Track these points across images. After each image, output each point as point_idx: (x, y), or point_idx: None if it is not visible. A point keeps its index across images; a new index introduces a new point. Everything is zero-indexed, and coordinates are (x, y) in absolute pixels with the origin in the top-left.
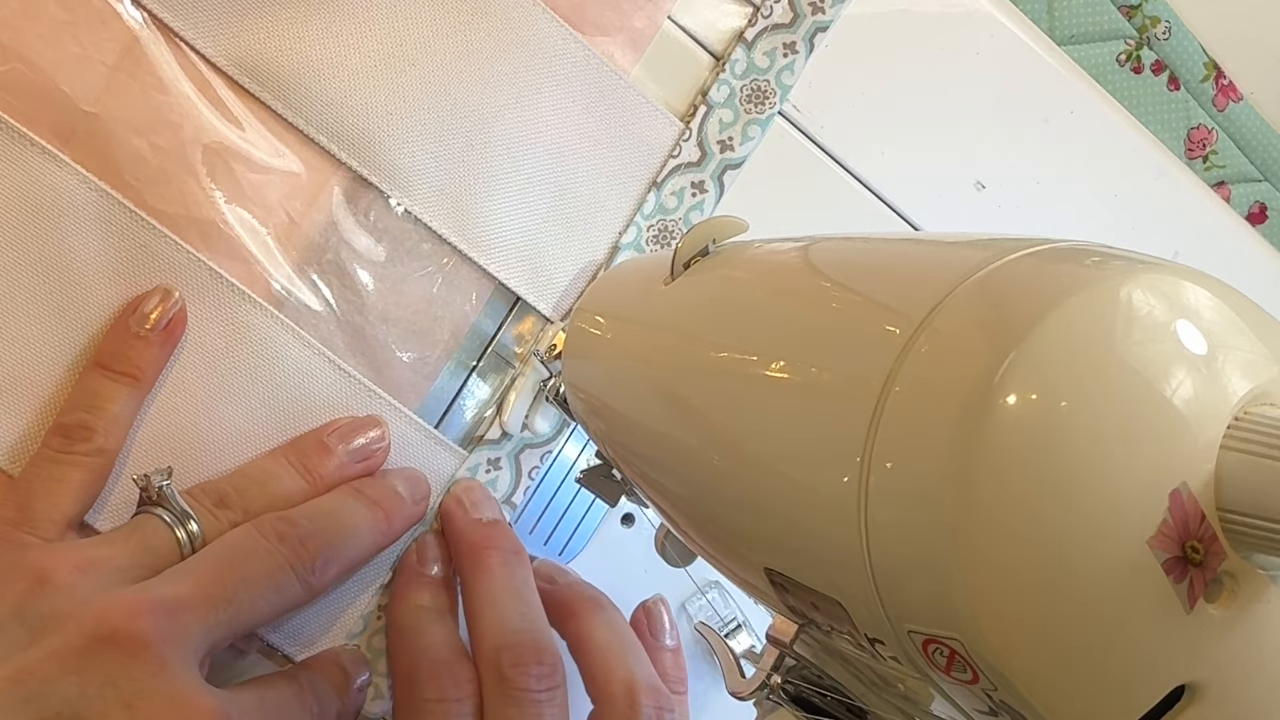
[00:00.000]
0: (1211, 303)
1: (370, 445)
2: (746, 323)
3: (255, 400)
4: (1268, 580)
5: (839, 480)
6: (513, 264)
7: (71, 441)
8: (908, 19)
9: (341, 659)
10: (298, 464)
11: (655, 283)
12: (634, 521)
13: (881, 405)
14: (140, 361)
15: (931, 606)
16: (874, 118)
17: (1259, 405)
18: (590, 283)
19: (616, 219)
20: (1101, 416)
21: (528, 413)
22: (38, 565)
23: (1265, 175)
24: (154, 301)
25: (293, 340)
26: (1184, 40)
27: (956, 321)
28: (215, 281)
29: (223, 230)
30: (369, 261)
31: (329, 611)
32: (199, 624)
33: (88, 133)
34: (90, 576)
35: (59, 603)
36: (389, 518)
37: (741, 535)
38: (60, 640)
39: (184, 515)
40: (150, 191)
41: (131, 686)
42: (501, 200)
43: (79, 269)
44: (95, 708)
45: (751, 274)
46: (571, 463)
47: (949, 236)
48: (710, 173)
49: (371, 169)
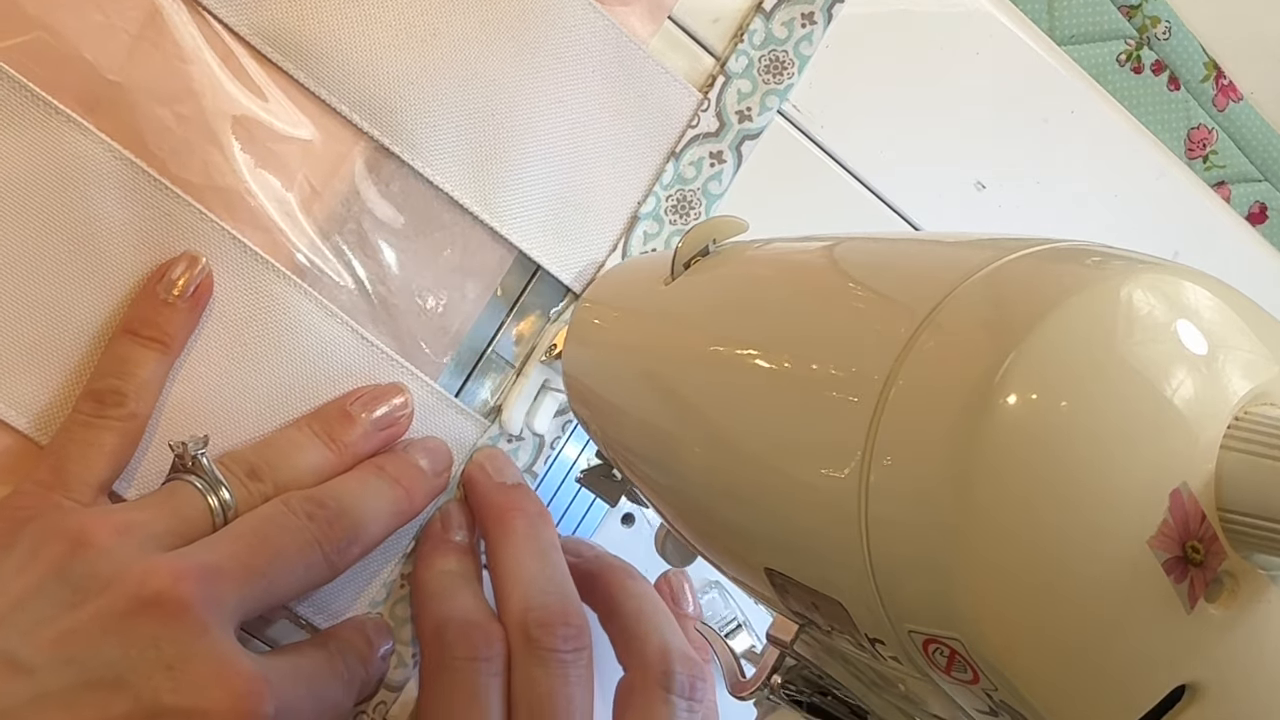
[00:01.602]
0: (1212, 303)
1: (394, 413)
2: (746, 319)
3: (278, 368)
4: (1268, 580)
5: (839, 477)
6: (533, 233)
7: (104, 406)
8: (908, 19)
9: (366, 627)
10: (323, 433)
11: (655, 282)
12: (634, 521)
13: (882, 404)
14: (169, 327)
15: (932, 606)
16: (874, 118)
17: (1259, 405)
18: (602, 263)
19: (635, 189)
20: (1102, 416)
21: (528, 413)
22: (77, 528)
23: (1265, 175)
24: (181, 268)
25: (315, 309)
26: (1184, 40)
27: (957, 321)
28: (239, 250)
29: (246, 200)
30: (391, 231)
31: (354, 581)
32: (236, 593)
33: (111, 101)
34: (129, 540)
35: (100, 565)
36: (410, 494)
37: (742, 535)
38: (104, 602)
39: (216, 484)
40: (174, 161)
41: (174, 649)
42: (522, 169)
43: (104, 237)
44: (138, 669)
45: (752, 272)
46: (571, 463)
47: (949, 236)
48: (729, 143)
49: (393, 138)
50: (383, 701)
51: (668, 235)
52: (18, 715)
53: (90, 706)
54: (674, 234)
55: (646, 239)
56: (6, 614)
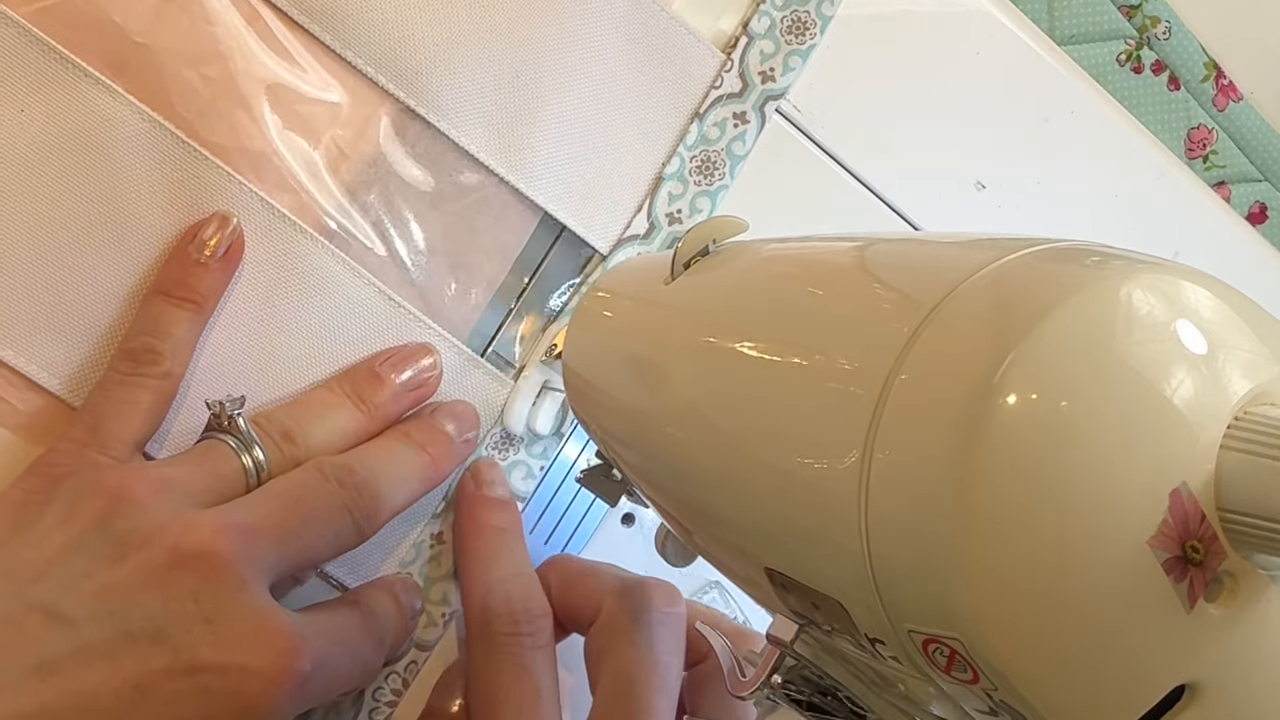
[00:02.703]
0: (1211, 302)
1: (422, 374)
2: (747, 314)
3: (307, 329)
4: (1268, 580)
5: (840, 473)
6: (559, 194)
7: (139, 365)
8: (908, 19)
9: (395, 587)
10: (352, 394)
11: (655, 282)
12: (634, 521)
13: (882, 404)
14: (201, 287)
15: (932, 606)
16: (874, 118)
17: (1259, 405)
18: (629, 223)
19: (659, 150)
20: (1102, 416)
21: (529, 412)
22: (115, 484)
23: (1265, 175)
24: (212, 228)
25: (343, 270)
26: (1184, 40)
27: (957, 321)
28: (267, 212)
29: (273, 161)
30: (416, 193)
31: (383, 542)
32: (272, 551)
33: (139, 63)
34: (167, 496)
35: (140, 521)
36: (436, 461)
37: (742, 534)
38: (144, 557)
39: (251, 443)
40: (201, 123)
41: (213, 603)
42: (547, 131)
43: (133, 199)
44: (177, 622)
45: (752, 269)
46: (571, 463)
47: (949, 236)
48: (752, 104)
49: (419, 100)
50: (414, 661)
51: (692, 196)
52: (59, 666)
53: (130, 658)
54: (698, 195)
55: (671, 200)
56: (47, 568)
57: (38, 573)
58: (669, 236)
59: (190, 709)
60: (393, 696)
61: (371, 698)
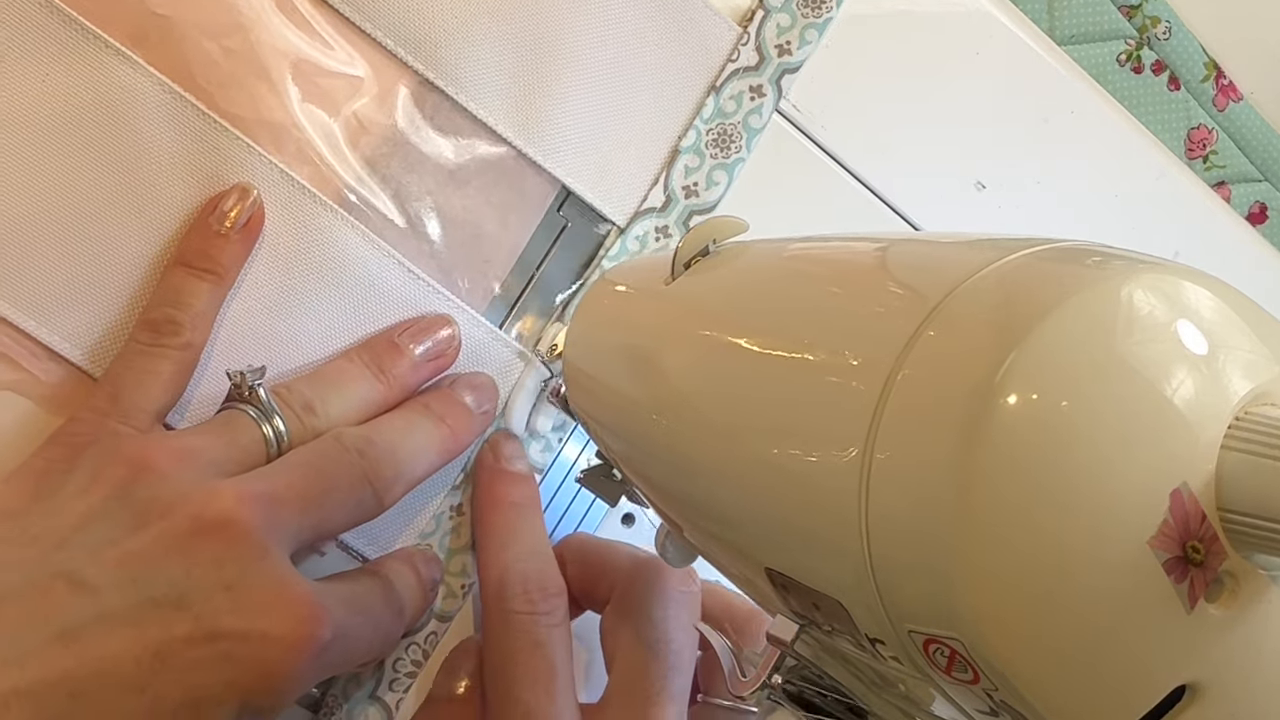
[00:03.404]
0: (1212, 303)
1: (441, 345)
2: (746, 310)
3: (327, 301)
4: (1268, 580)
5: (841, 470)
6: (576, 167)
7: (160, 335)
8: (908, 19)
9: (415, 559)
10: (372, 365)
11: (656, 282)
12: (634, 521)
13: (883, 404)
14: (222, 259)
15: (932, 606)
16: (874, 118)
17: (1260, 405)
18: (645, 196)
19: (676, 123)
20: (1102, 416)
21: (529, 413)
22: (137, 453)
23: (1265, 175)
24: (233, 200)
25: (362, 242)
26: (1184, 40)
27: (956, 321)
28: (287, 183)
29: (293, 133)
30: (435, 165)
31: (403, 513)
32: (294, 521)
33: (160, 35)
34: (189, 465)
35: (162, 489)
36: (455, 433)
37: (742, 534)
38: (167, 525)
39: (271, 414)
40: (221, 94)
41: (235, 570)
42: (564, 104)
43: (154, 170)
44: (200, 589)
45: (752, 268)
46: (571, 463)
47: (950, 236)
48: (768, 77)
49: (437, 73)
50: (434, 632)
51: (709, 169)
52: (82, 633)
53: (153, 625)
54: (715, 168)
55: (688, 173)
56: (70, 535)
57: (60, 540)
58: (685, 209)
59: (212, 675)
60: (412, 667)
61: (392, 668)
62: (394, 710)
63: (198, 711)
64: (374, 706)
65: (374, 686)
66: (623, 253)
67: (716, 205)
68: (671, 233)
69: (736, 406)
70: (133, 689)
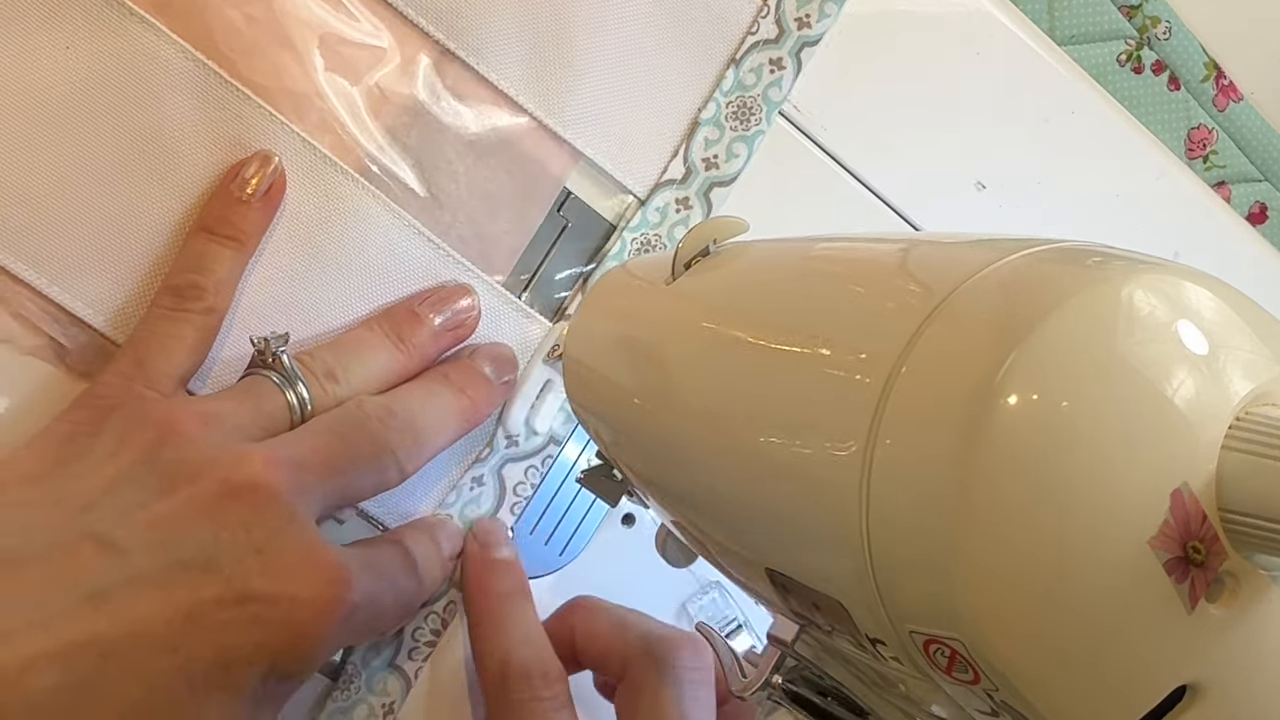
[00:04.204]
0: (1212, 303)
1: (460, 314)
2: (747, 304)
3: (347, 269)
4: (1269, 580)
5: (841, 466)
6: (597, 139)
7: (183, 300)
8: (908, 19)
9: (434, 529)
10: (391, 334)
11: (655, 283)
12: (634, 521)
13: (883, 403)
14: (244, 225)
15: (933, 607)
16: (874, 118)
17: (1260, 405)
18: (664, 168)
19: (696, 95)
20: (1103, 417)
21: (529, 414)
22: (164, 416)
23: (1265, 175)
24: (254, 167)
25: (383, 211)
26: (1184, 40)
27: (958, 320)
28: (309, 152)
29: (315, 102)
30: (455, 135)
31: (423, 483)
32: (319, 486)
33: (183, 2)
34: (214, 430)
35: (189, 453)
36: (475, 404)
37: (743, 534)
38: (196, 488)
39: (295, 380)
40: (244, 63)
41: (263, 533)
42: (585, 75)
43: (176, 137)
44: (228, 553)
45: (752, 267)
46: (572, 463)
47: (950, 237)
48: (788, 49)
49: (459, 43)
50: (453, 601)
51: (729, 141)
52: (112, 594)
53: (182, 587)
54: (735, 140)
55: (708, 145)
56: (99, 498)
57: (89, 502)
58: (705, 181)
59: (241, 637)
60: (431, 636)
61: (411, 637)
62: (413, 679)
63: (228, 672)
64: (393, 675)
65: (393, 655)
66: (643, 224)
67: (736, 177)
68: (692, 204)
69: (737, 399)
70: (164, 649)
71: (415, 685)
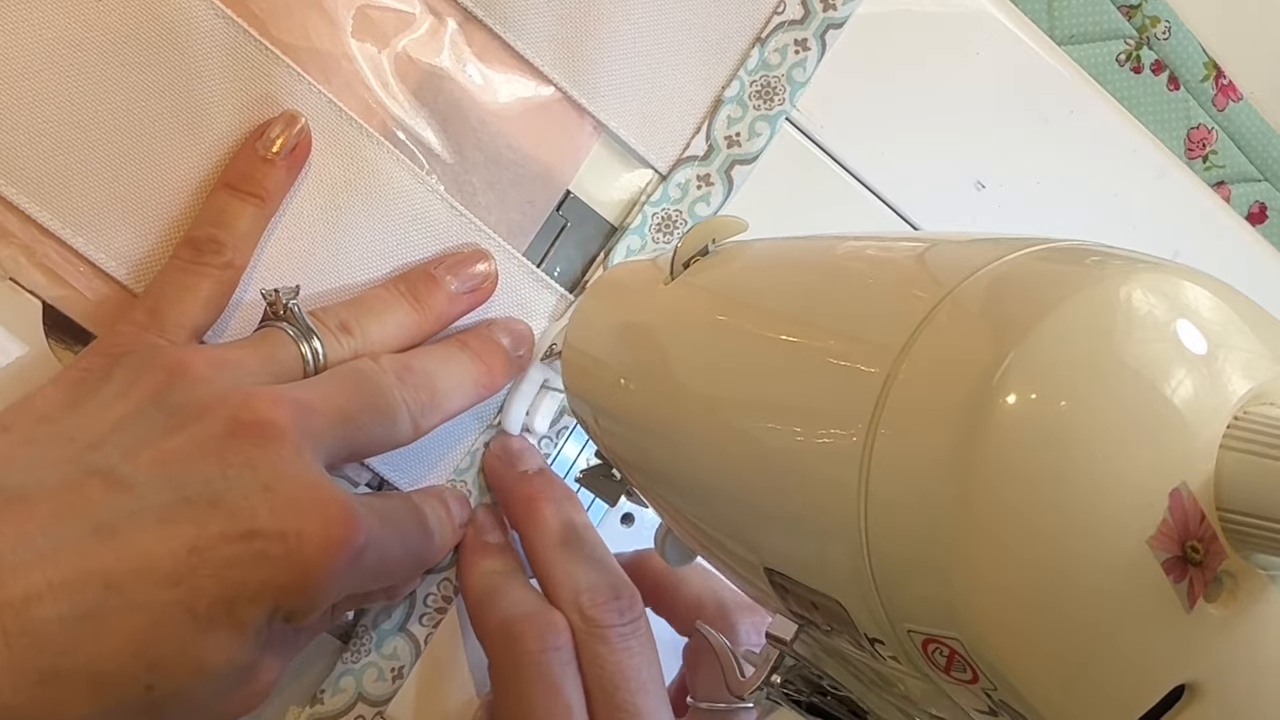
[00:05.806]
0: (1211, 302)
1: (477, 279)
2: (746, 299)
3: (367, 231)
4: (1268, 580)
5: (840, 459)
6: (621, 112)
7: (202, 253)
8: (908, 19)
9: (445, 495)
10: (409, 294)
11: (654, 282)
12: (634, 521)
13: (882, 403)
14: (267, 183)
15: (931, 606)
16: (874, 118)
17: (1259, 405)
18: (687, 145)
19: (720, 73)
20: (1101, 416)
21: (528, 412)
22: (174, 360)
23: (1265, 175)
24: (280, 127)
25: (405, 175)
26: (1184, 40)
27: (956, 320)
28: (335, 114)
29: (343, 64)
30: (479, 103)
31: (437, 446)
32: (328, 430)
33: None
34: (225, 373)
35: (198, 393)
36: (491, 371)
37: (742, 533)
38: (202, 426)
39: (308, 332)
40: (274, 22)
41: (270, 470)
42: (611, 48)
43: (204, 94)
44: (234, 488)
45: (752, 266)
46: (571, 463)
47: (949, 236)
48: (813, 30)
49: (486, 10)
50: None
51: (751, 120)
52: (118, 528)
53: (188, 523)
54: (757, 119)
55: (730, 123)
56: (107, 434)
57: (96, 439)
58: (727, 159)
59: (247, 573)
60: (442, 602)
61: (422, 602)
62: (423, 644)
63: (232, 608)
64: (403, 638)
65: (404, 619)
66: (664, 199)
67: (758, 156)
68: (713, 180)
69: (739, 388)
70: (169, 582)
71: (425, 649)
